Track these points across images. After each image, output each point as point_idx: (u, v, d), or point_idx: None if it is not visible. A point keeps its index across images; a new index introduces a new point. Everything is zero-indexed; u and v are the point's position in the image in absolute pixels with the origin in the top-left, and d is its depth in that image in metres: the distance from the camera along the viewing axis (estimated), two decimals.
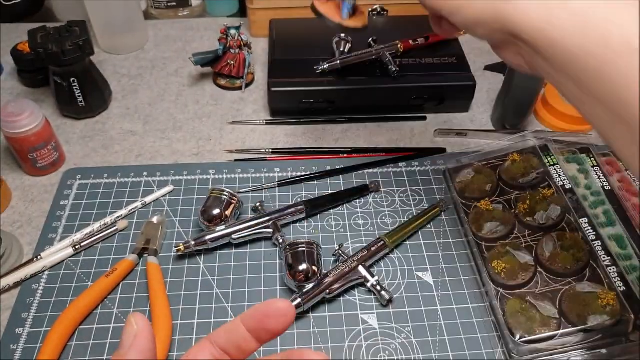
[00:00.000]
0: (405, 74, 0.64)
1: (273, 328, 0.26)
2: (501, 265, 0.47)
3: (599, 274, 0.46)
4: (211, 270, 0.50)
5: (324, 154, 0.62)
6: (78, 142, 0.64)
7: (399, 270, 0.51)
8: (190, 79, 0.73)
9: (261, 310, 0.26)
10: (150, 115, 0.67)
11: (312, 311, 0.47)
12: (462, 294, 0.49)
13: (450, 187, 0.57)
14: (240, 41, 0.68)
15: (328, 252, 0.51)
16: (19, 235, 0.53)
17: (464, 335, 0.46)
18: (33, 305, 0.47)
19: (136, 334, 0.26)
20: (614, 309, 0.43)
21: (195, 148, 0.63)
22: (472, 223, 0.52)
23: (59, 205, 0.56)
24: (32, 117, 0.55)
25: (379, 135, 0.65)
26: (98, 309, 0.47)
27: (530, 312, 0.44)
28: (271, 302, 0.26)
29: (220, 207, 0.51)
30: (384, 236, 0.51)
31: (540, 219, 0.51)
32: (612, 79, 0.30)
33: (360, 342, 0.45)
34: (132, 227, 0.54)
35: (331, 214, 0.56)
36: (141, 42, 0.79)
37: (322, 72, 0.64)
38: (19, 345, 0.45)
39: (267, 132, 0.65)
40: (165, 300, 0.47)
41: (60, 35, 0.60)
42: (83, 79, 0.63)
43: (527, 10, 0.34)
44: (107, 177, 0.59)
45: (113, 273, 0.48)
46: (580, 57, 0.31)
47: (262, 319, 0.26)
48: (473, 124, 0.67)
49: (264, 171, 0.60)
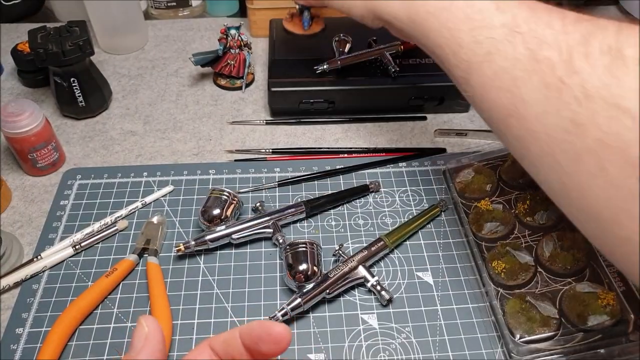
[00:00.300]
0: (405, 74, 0.64)
1: (265, 352, 0.26)
2: (501, 266, 0.47)
3: (599, 274, 0.46)
4: (211, 270, 0.50)
5: (324, 154, 0.62)
6: (78, 142, 0.64)
7: (399, 270, 0.51)
8: (190, 79, 0.73)
9: (257, 331, 0.26)
10: (150, 115, 0.67)
11: (312, 311, 0.47)
12: (462, 294, 0.49)
13: (450, 187, 0.57)
14: (240, 41, 0.68)
15: (328, 252, 0.51)
16: (19, 235, 0.53)
17: (464, 335, 0.46)
18: (33, 305, 0.47)
19: (147, 336, 0.26)
20: (614, 309, 0.43)
21: (196, 148, 0.63)
22: (472, 223, 0.52)
23: (59, 205, 0.56)
24: (32, 117, 0.55)
25: (379, 135, 0.65)
26: (98, 309, 0.47)
27: (530, 312, 0.44)
28: (268, 326, 0.26)
29: (221, 207, 0.51)
30: (384, 236, 0.51)
31: (540, 219, 0.51)
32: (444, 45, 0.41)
33: (360, 342, 0.45)
34: (132, 227, 0.54)
35: (331, 214, 0.56)
36: (141, 42, 0.79)
37: (322, 72, 0.64)
38: (19, 345, 0.45)
39: (267, 132, 0.65)
40: (165, 300, 0.47)
41: (60, 35, 0.60)
42: (83, 79, 0.63)
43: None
44: (107, 177, 0.59)
45: (113, 273, 0.48)
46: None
47: (257, 341, 0.26)
48: (473, 124, 0.67)
49: (264, 171, 0.60)
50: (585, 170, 0.31)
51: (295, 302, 0.45)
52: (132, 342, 0.26)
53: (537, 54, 0.33)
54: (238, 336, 0.26)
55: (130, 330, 0.46)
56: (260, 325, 0.26)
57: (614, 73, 0.29)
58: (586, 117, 0.30)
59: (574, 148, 0.31)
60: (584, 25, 0.32)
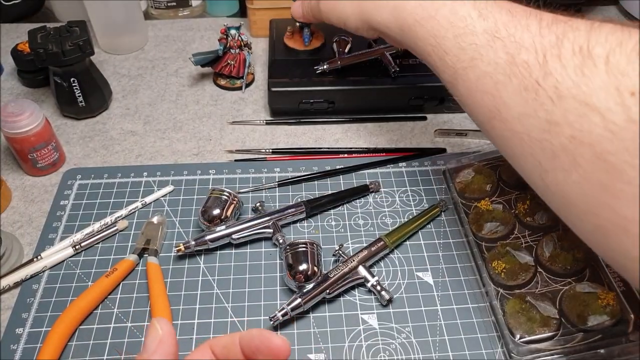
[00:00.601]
0: (405, 74, 0.64)
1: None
2: (501, 266, 0.47)
3: (599, 274, 0.46)
4: (211, 271, 0.50)
5: (324, 154, 0.62)
6: (78, 142, 0.64)
7: (399, 270, 0.51)
8: (190, 79, 0.73)
9: (256, 342, 0.26)
10: (150, 115, 0.67)
11: (312, 311, 0.47)
12: (462, 294, 0.49)
13: (450, 187, 0.57)
14: (240, 41, 0.68)
15: (328, 252, 0.51)
16: (19, 235, 0.53)
17: (464, 335, 0.46)
18: (33, 305, 0.47)
19: (161, 338, 0.26)
20: (614, 309, 0.43)
21: (196, 148, 0.63)
22: (472, 223, 0.52)
23: (59, 205, 0.56)
24: (32, 117, 0.55)
25: (379, 135, 0.65)
26: (98, 309, 0.47)
27: (530, 312, 0.44)
28: (267, 338, 0.26)
29: (221, 207, 0.51)
30: (384, 236, 0.51)
31: (540, 219, 0.51)
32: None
33: (360, 342, 0.45)
34: (132, 227, 0.54)
35: (331, 214, 0.56)
36: (141, 42, 0.79)
37: (322, 72, 0.64)
38: (19, 345, 0.45)
39: (267, 132, 0.65)
40: (165, 300, 0.47)
41: (60, 35, 0.60)
42: (83, 79, 0.63)
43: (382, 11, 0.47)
44: (107, 177, 0.59)
45: (113, 273, 0.48)
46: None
47: (255, 351, 0.26)
48: (473, 124, 0.66)
49: (264, 171, 0.60)
50: (561, 167, 0.32)
51: (296, 302, 0.45)
52: (145, 343, 0.26)
53: (515, 58, 0.35)
54: (237, 343, 0.26)
55: (131, 330, 0.46)
56: (260, 335, 0.26)
57: (584, 72, 0.30)
58: (560, 116, 0.31)
59: (550, 147, 0.32)
60: (559, 27, 0.33)
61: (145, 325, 0.46)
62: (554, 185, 0.33)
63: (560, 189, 0.33)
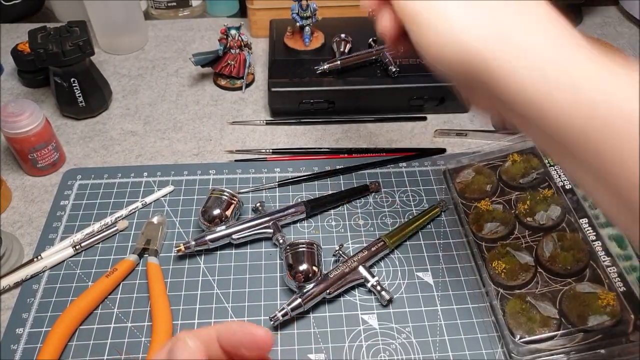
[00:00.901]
0: (405, 74, 0.64)
1: (247, 357, 0.25)
2: (501, 266, 0.47)
3: (599, 274, 0.46)
4: (211, 271, 0.50)
5: (324, 154, 0.62)
6: (78, 143, 0.64)
7: (399, 270, 0.51)
8: (191, 79, 0.73)
9: (239, 336, 0.25)
10: (150, 116, 0.67)
11: (312, 311, 0.47)
12: (462, 294, 0.49)
13: (450, 187, 0.57)
14: (240, 41, 0.68)
15: (328, 252, 0.51)
16: (19, 236, 0.53)
17: (464, 336, 0.46)
18: (33, 306, 0.47)
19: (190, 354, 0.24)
20: (614, 309, 0.43)
21: (196, 148, 0.63)
22: (472, 223, 0.52)
23: (59, 206, 0.56)
24: (32, 117, 0.55)
25: (379, 136, 0.65)
26: (98, 309, 0.47)
27: (530, 313, 0.44)
28: (251, 331, 0.25)
29: (221, 207, 0.51)
30: (384, 236, 0.51)
31: (541, 219, 0.51)
32: (615, 161, 0.26)
33: (361, 342, 0.45)
34: (133, 227, 0.54)
35: (331, 214, 0.56)
36: (141, 42, 0.79)
37: (322, 73, 0.64)
38: (20, 345, 0.45)
39: (267, 132, 0.65)
40: (165, 300, 0.47)
41: (60, 35, 0.60)
42: (83, 79, 0.63)
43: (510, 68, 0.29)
44: (108, 177, 0.59)
45: (113, 273, 0.48)
46: (575, 133, 0.27)
47: (239, 346, 0.25)
48: (473, 124, 0.67)
49: (264, 171, 0.60)
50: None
51: (296, 302, 0.45)
52: (172, 350, 0.24)
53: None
54: (215, 339, 0.25)
55: (131, 330, 0.46)
56: (242, 329, 0.25)
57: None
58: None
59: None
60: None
61: (146, 325, 0.46)
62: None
63: None
